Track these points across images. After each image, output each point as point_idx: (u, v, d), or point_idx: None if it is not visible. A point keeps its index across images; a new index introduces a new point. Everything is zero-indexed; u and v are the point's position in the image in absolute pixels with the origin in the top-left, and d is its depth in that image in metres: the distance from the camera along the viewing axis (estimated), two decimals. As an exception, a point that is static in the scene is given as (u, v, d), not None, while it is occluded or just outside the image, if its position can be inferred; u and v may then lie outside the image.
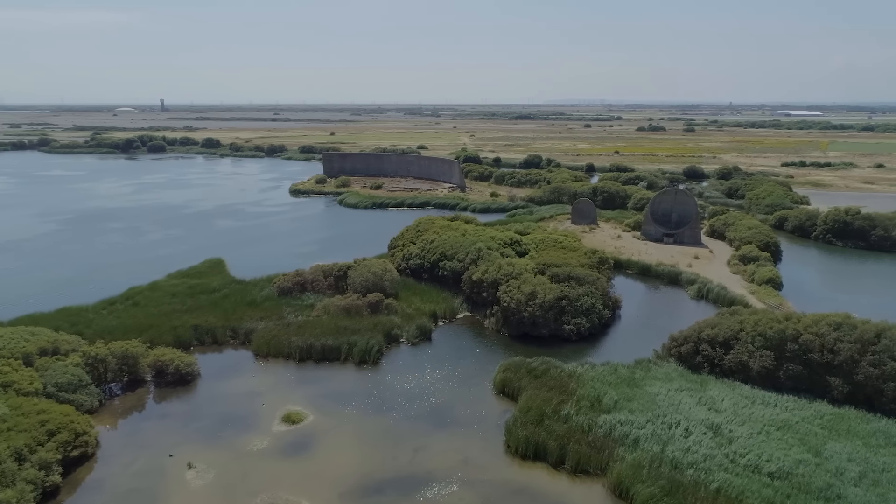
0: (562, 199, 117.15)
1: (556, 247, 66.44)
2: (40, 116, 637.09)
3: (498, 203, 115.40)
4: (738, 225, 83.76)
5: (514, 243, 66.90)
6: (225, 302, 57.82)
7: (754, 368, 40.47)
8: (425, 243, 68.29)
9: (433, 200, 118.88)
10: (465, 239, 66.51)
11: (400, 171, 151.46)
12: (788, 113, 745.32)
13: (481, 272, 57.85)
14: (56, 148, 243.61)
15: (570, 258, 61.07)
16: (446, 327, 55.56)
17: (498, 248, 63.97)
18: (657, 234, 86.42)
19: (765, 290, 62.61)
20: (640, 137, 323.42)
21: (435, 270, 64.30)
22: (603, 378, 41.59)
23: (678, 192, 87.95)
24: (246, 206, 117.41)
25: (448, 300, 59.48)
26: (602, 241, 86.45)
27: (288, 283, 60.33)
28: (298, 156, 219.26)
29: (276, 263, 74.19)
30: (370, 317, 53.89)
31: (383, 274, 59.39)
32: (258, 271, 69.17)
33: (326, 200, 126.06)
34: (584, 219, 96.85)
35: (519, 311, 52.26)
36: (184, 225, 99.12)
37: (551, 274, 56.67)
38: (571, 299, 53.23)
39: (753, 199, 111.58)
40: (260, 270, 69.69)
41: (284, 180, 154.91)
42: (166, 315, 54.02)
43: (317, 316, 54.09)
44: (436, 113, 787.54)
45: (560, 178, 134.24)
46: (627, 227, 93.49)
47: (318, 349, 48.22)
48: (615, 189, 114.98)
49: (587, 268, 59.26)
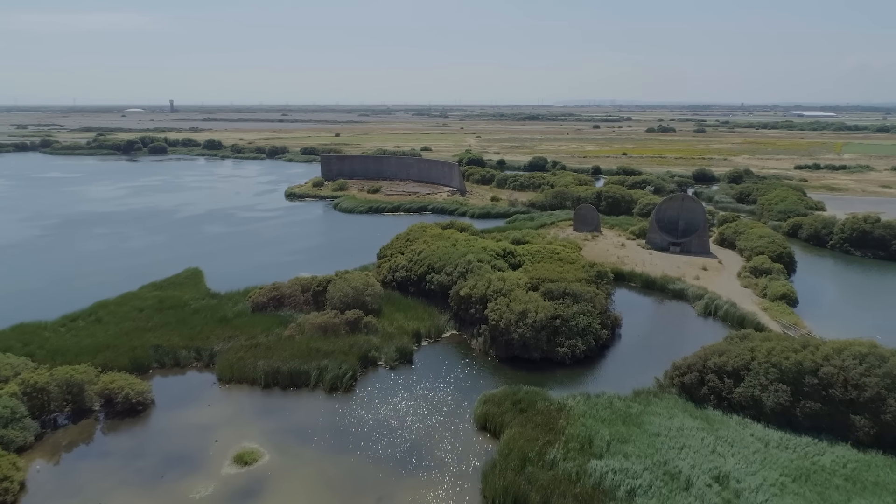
0: (565, 203, 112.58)
1: (553, 259, 61.96)
2: (50, 117, 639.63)
3: (498, 208, 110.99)
4: (750, 234, 78.85)
5: (507, 255, 62.50)
6: (194, 318, 53.84)
7: (767, 404, 35.88)
8: (413, 254, 64.08)
9: (431, 205, 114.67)
10: (454, 250, 62.22)
11: (399, 174, 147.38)
12: (801, 113, 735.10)
13: (469, 287, 53.52)
14: (57, 149, 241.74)
15: (567, 272, 56.59)
16: (430, 348, 51.27)
17: (490, 260, 59.63)
18: (663, 243, 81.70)
19: (778, 307, 57.81)
20: (650, 139, 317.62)
21: (422, 284, 60.06)
22: (596, 413, 37.12)
23: (685, 199, 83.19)
24: (237, 211, 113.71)
25: (434, 317, 55.19)
26: (604, 249, 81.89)
27: (263, 298, 56.27)
28: (300, 158, 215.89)
29: (257, 274, 70.36)
30: (347, 337, 49.71)
31: (364, 289, 55.19)
32: (237, 282, 65.35)
33: (322, 205, 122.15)
34: (587, 226, 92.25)
35: (508, 331, 47.90)
36: (170, 231, 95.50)
37: (545, 290, 52.22)
38: (566, 319, 48.79)
39: (765, 204, 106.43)
40: (239, 281, 65.90)
41: (282, 183, 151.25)
42: (128, 334, 50.10)
43: (289, 335, 49.98)
44: (444, 114, 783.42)
45: (563, 181, 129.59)
46: (632, 235, 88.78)
47: (285, 374, 44.07)
48: (620, 194, 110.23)
49: (585, 283, 54.75)
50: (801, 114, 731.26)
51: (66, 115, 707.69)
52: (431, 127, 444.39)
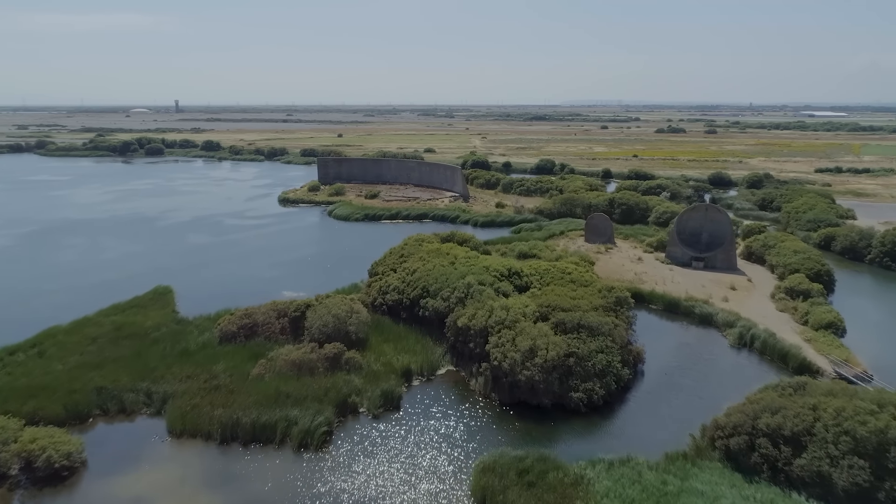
0: (574, 211, 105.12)
1: (564, 280, 54.56)
2: (53, 118, 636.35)
3: (503, 216, 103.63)
4: (782, 248, 71.19)
5: (512, 275, 55.14)
6: (151, 351, 46.83)
7: (840, 484, 28.47)
8: (407, 273, 56.84)
9: (431, 212, 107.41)
10: (453, 270, 54.94)
11: (400, 178, 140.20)
12: (812, 114, 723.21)
13: (468, 317, 46.25)
14: (52, 151, 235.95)
15: (581, 298, 49.21)
16: (422, 388, 44.02)
17: (492, 282, 52.29)
18: (685, 258, 74.15)
19: (824, 337, 50.28)
20: (660, 140, 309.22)
21: (415, 309, 52.81)
22: (622, 491, 29.79)
23: (709, 209, 75.58)
24: (226, 218, 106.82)
25: (428, 350, 47.94)
26: (620, 264, 74.43)
27: (232, 326, 49.17)
28: (299, 159, 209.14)
29: (236, 292, 63.55)
30: (325, 377, 42.53)
31: (347, 317, 48.01)
32: (211, 303, 58.48)
33: (316, 211, 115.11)
34: (600, 236, 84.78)
35: (513, 372, 40.62)
36: (149, 241, 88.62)
37: (557, 321, 44.87)
38: (581, 357, 41.46)
39: (792, 213, 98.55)
40: (214, 302, 59.04)
41: (277, 187, 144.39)
42: (71, 372, 43.12)
43: (258, 375, 42.85)
44: (450, 114, 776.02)
45: (573, 186, 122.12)
46: (649, 248, 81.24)
47: (246, 427, 36.91)
48: (634, 201, 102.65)
49: (602, 311, 47.37)
50: (812, 114, 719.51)
51: (71, 116, 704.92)
52: (436, 127, 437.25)
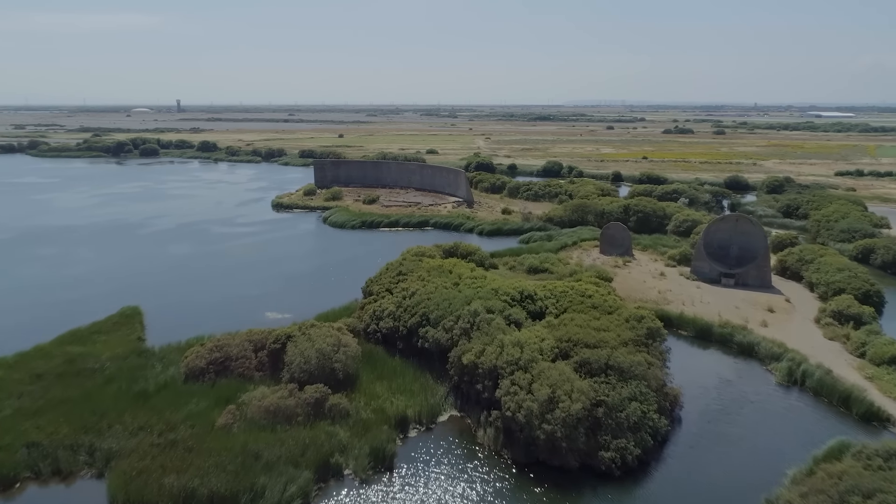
0: (586, 218, 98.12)
1: (585, 305, 47.50)
2: (53, 117, 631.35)
3: (510, 224, 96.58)
4: (822, 263, 64.05)
5: (524, 299, 48.11)
6: (104, 392, 39.96)
7: None
8: (404, 296, 49.86)
9: (433, 219, 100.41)
10: (456, 293, 47.97)
11: (400, 182, 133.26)
12: (819, 114, 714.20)
13: (475, 354, 39.27)
14: (44, 151, 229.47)
15: (607, 328, 42.18)
16: (421, 440, 37.06)
17: (502, 307, 45.30)
18: (712, 273, 67.08)
19: (888, 375, 43.22)
20: (668, 140, 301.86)
21: (413, 339, 45.85)
22: None
23: (740, 219, 68.43)
24: (213, 225, 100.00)
25: (427, 390, 41.00)
26: (640, 280, 67.42)
27: (200, 361, 42.26)
28: (297, 161, 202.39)
29: (213, 314, 57.00)
30: (304, 427, 35.65)
31: (333, 352, 41.08)
32: (184, 327, 51.92)
33: (311, 217, 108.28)
34: (616, 248, 77.75)
35: (530, 425, 33.65)
36: (127, 252, 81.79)
37: (580, 360, 37.87)
38: (611, 407, 34.47)
39: (822, 221, 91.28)
40: (187, 325, 52.58)
41: (272, 190, 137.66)
42: (2, 422, 36.29)
43: (225, 425, 35.96)
44: (453, 114, 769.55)
45: (584, 191, 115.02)
46: (671, 261, 74.18)
47: (203, 500, 30.04)
48: (651, 208, 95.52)
49: (632, 346, 40.36)
50: (819, 114, 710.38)
51: (71, 115, 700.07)
52: (439, 127, 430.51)
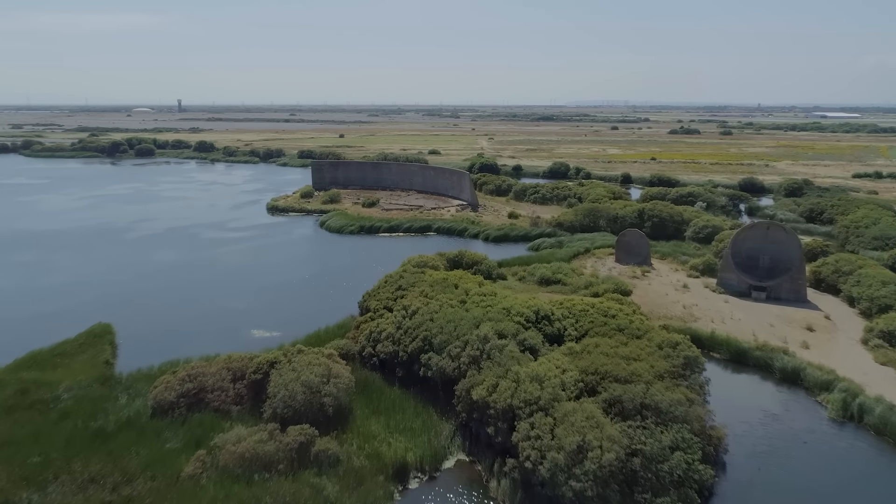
0: (598, 223, 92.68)
1: (608, 327, 41.96)
2: (53, 117, 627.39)
3: (517, 229, 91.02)
4: (863, 276, 58.44)
5: (540, 320, 42.58)
6: (56, 430, 34.45)
7: None
8: (404, 315, 44.37)
9: (436, 224, 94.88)
10: (463, 313, 42.46)
11: (401, 184, 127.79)
12: (825, 115, 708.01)
13: (486, 389, 33.77)
14: (38, 151, 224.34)
15: (638, 358, 36.64)
16: (423, 492, 31.58)
17: (515, 331, 39.78)
18: (741, 286, 61.51)
19: (960, 410, 37.63)
20: (675, 141, 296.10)
21: (415, 366, 40.37)
22: None
23: (771, 227, 62.81)
24: (204, 230, 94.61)
25: (431, 428, 35.51)
26: (662, 293, 61.90)
27: (170, 393, 36.78)
28: (295, 161, 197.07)
29: (193, 331, 51.80)
30: (285, 479, 30.19)
31: (322, 384, 35.61)
32: (160, 347, 46.78)
33: (307, 221, 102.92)
34: (633, 257, 72.23)
35: (555, 482, 28.18)
36: (109, 259, 76.44)
37: (609, 398, 32.35)
38: (650, 458, 28.96)
39: (851, 227, 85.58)
40: (164, 345, 47.50)
41: (268, 192, 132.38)
42: (-71, 469, 30.93)
43: (192, 475, 30.51)
44: (455, 114, 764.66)
45: (594, 194, 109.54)
46: (694, 271, 68.61)
47: (157, 580, 24.65)
48: (668, 213, 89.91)
49: (669, 380, 34.81)
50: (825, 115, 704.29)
51: (72, 115, 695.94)
52: (442, 128, 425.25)
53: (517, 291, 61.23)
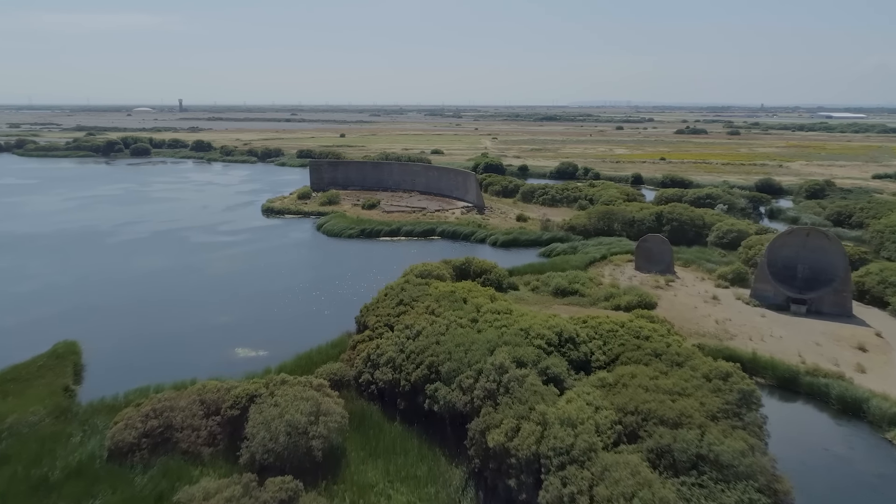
0: (612, 226, 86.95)
1: (643, 351, 36.25)
2: (53, 116, 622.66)
3: (527, 233, 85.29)
4: (915, 288, 52.72)
5: (564, 343, 36.89)
6: (-8, 480, 29.02)
7: None
8: (407, 335, 38.72)
9: (440, 227, 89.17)
10: (475, 335, 36.82)
11: (403, 184, 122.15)
12: (830, 115, 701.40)
13: (505, 434, 28.13)
14: (31, 151, 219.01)
15: (684, 392, 30.92)
16: (430, 561, 26.02)
17: (535, 357, 34.11)
18: (777, 298, 55.78)
19: None
20: (683, 141, 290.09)
21: (419, 398, 34.75)
22: None
23: (811, 234, 57.00)
24: (193, 233, 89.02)
25: (438, 477, 29.89)
26: (691, 305, 56.18)
27: (130, 433, 31.14)
28: (294, 161, 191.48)
29: (170, 349, 46.23)
30: (261, 549, 24.62)
31: (310, 425, 29.98)
32: (128, 371, 41.34)
33: (304, 224, 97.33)
34: (655, 264, 66.54)
35: (593, 558, 22.52)
36: (86, 265, 70.86)
37: (657, 448, 26.64)
38: (712, 527, 23.30)
39: (885, 232, 79.77)
40: (133, 369, 41.94)
41: (265, 193, 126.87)
42: None
43: (146, 544, 24.94)
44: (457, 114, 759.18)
45: (607, 195, 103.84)
46: (723, 281, 62.84)
47: None
48: (688, 215, 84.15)
49: (724, 421, 29.09)
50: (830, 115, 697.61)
51: (71, 115, 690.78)
52: (444, 127, 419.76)
53: (531, 304, 55.72)
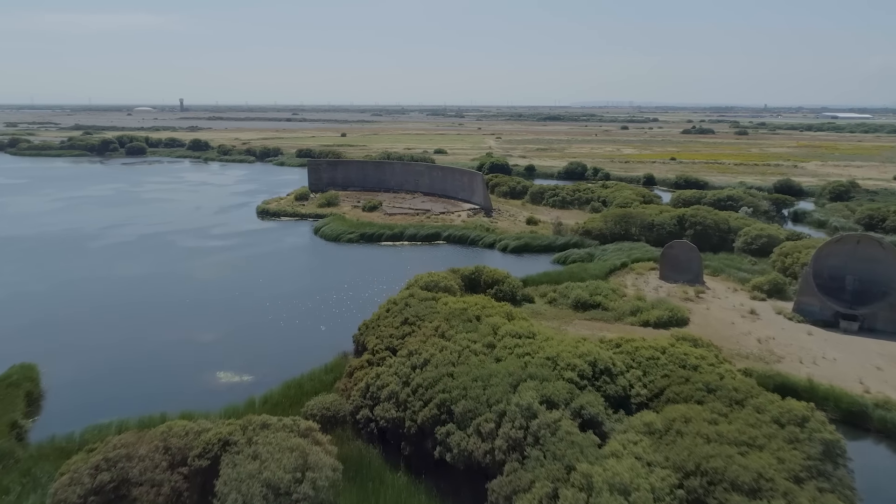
0: (630, 230, 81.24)
1: (693, 386, 30.49)
2: (52, 116, 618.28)
3: (539, 238, 79.54)
4: (982, 303, 46.90)
5: (598, 375, 31.16)
6: None
7: None
8: (411, 365, 33.03)
9: (446, 231, 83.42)
10: (493, 366, 31.12)
11: (406, 185, 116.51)
12: (836, 115, 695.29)
13: (538, 500, 22.44)
14: (24, 150, 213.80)
15: (754, 442, 25.18)
16: None
17: (567, 394, 28.41)
18: (824, 313, 50.02)
19: None
20: (691, 141, 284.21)
21: (427, 442, 29.06)
22: None
23: (862, 241, 51.21)
24: (182, 237, 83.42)
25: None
26: (727, 321, 50.43)
27: (75, 490, 25.20)
28: (293, 161, 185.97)
29: (139, 379, 40.62)
30: None
31: (293, 483, 24.26)
32: (92, 402, 35.76)
33: (302, 227, 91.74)
34: (682, 274, 60.78)
35: None
36: (60, 273, 65.21)
37: (732, 523, 20.95)
38: None
39: (926, 237, 73.92)
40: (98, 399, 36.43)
41: (261, 194, 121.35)
42: None
43: None
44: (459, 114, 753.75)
45: (621, 197, 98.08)
46: (758, 293, 57.00)
47: None
48: (712, 219, 78.38)
49: (809, 481, 23.37)
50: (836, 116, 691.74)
51: (71, 114, 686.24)
52: (447, 127, 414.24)
53: (549, 319, 50.08)
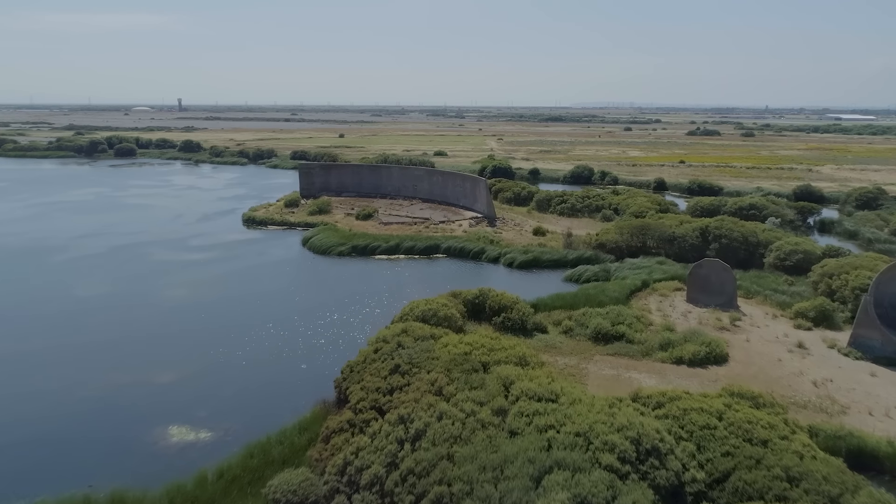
0: (647, 243, 74.26)
1: (767, 470, 23.33)
2: (48, 115, 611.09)
3: (549, 251, 72.34)
4: None
5: (643, 458, 24.03)
6: None
7: None
8: (403, 435, 25.92)
9: (445, 243, 76.21)
10: (507, 443, 23.98)
11: (404, 190, 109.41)
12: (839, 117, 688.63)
13: None
14: (8, 151, 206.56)
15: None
16: None
17: (607, 487, 21.28)
18: (886, 349, 42.92)
19: None
20: (697, 143, 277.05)
21: (420, 552, 21.92)
22: None
23: (930, 265, 44.14)
24: (157, 249, 76.23)
25: None
26: (772, 357, 43.27)
27: None
28: (288, 163, 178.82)
29: (69, 438, 33.52)
30: None
31: None
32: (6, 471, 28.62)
33: (289, 238, 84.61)
34: (714, 297, 53.64)
35: None
36: (10, 293, 58.10)
37: None
38: None
39: (977, 252, 66.84)
40: (10, 468, 29.27)
41: (250, 199, 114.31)
42: None
43: None
44: (460, 114, 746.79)
45: (635, 205, 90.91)
46: (802, 320, 49.85)
47: None
48: (738, 231, 71.24)
49: None
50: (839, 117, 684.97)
51: (68, 114, 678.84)
52: (447, 128, 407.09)
53: (566, 354, 43.02)
